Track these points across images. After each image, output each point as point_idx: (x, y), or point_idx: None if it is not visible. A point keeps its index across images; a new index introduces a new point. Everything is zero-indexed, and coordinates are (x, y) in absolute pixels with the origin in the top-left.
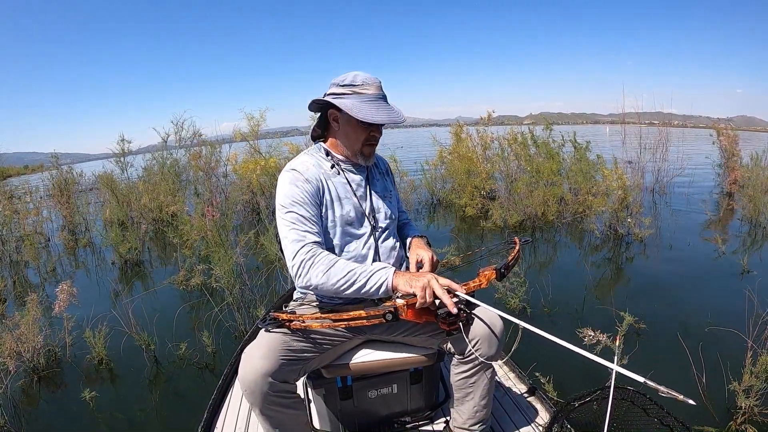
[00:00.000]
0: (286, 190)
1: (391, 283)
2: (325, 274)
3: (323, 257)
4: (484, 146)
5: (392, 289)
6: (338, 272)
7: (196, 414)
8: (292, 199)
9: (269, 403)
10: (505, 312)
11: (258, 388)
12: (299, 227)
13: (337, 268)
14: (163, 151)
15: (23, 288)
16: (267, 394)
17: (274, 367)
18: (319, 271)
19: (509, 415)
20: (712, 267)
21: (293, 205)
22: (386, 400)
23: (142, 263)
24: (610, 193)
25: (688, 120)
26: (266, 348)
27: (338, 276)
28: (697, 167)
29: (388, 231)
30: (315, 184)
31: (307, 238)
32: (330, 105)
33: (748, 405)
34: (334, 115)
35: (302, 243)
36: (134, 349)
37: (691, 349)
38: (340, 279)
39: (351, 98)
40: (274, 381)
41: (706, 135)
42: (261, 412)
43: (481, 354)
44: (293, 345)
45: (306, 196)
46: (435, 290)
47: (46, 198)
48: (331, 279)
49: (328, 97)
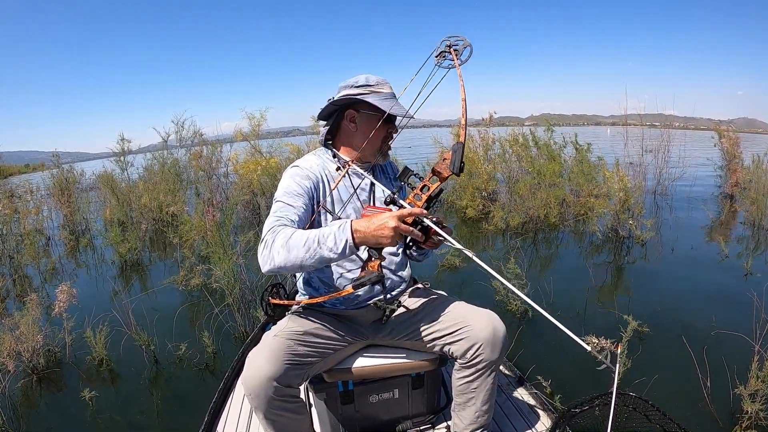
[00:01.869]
0: (284, 183)
1: (350, 232)
2: (284, 247)
3: (282, 231)
4: (485, 147)
5: (353, 238)
6: (297, 242)
7: (197, 415)
8: (285, 190)
9: (273, 407)
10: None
11: (263, 392)
12: (279, 213)
13: (294, 239)
14: (163, 150)
15: (23, 287)
16: (271, 399)
17: (279, 372)
18: (278, 245)
19: (511, 421)
20: (715, 269)
21: (284, 195)
22: (387, 404)
23: (142, 263)
24: (612, 195)
25: (690, 122)
26: (271, 352)
27: (298, 246)
28: (699, 169)
29: None
30: (314, 181)
31: (279, 221)
32: (348, 106)
33: (753, 410)
34: (351, 116)
35: (271, 226)
36: (134, 349)
37: (695, 352)
38: (300, 249)
39: (371, 97)
40: (279, 385)
41: (707, 137)
42: (265, 416)
43: (483, 358)
44: (298, 349)
45: (299, 189)
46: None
47: (47, 197)
48: (291, 251)
49: (351, 97)
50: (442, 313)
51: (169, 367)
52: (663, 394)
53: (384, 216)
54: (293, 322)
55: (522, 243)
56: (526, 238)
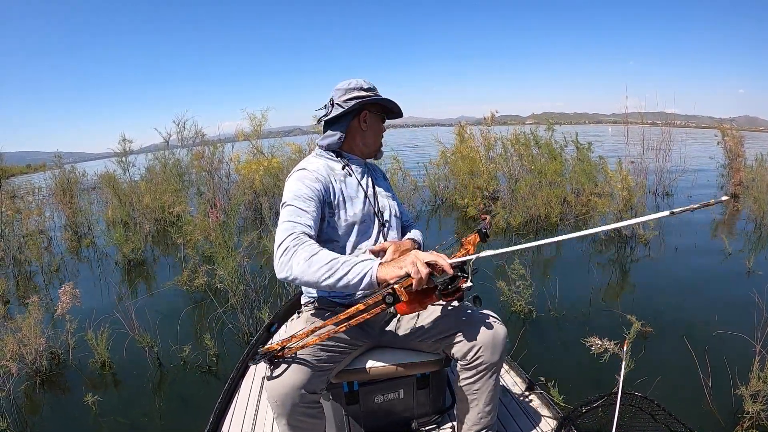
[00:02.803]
0: (292, 186)
1: (376, 273)
2: (306, 261)
3: (308, 245)
4: (487, 146)
5: (377, 281)
6: (320, 260)
7: (200, 418)
8: (295, 194)
9: (298, 414)
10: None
11: (290, 400)
12: (293, 218)
13: (319, 256)
14: (165, 150)
15: (26, 288)
16: (297, 406)
17: (306, 379)
18: (301, 258)
19: (516, 421)
20: (717, 269)
21: (295, 199)
22: (393, 405)
23: (145, 263)
24: (614, 194)
25: (691, 120)
26: (298, 360)
27: (320, 263)
28: (700, 168)
29: (394, 228)
30: (324, 184)
31: (297, 228)
32: (364, 107)
33: (755, 410)
34: (365, 116)
35: (291, 232)
36: (137, 351)
37: (697, 353)
38: (321, 266)
39: (381, 99)
40: (305, 392)
41: (709, 135)
42: (287, 422)
43: (483, 361)
44: (321, 355)
45: (309, 192)
46: (424, 259)
47: (49, 197)
48: (312, 266)
49: (366, 99)
50: (443, 314)
51: (173, 369)
52: (665, 393)
53: (408, 252)
54: (311, 325)
55: (525, 243)
56: (529, 238)
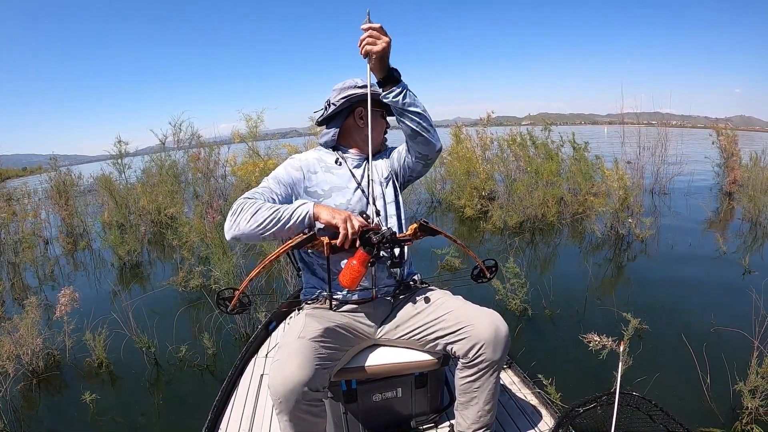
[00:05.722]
0: (277, 170)
1: (312, 211)
2: (253, 216)
3: (254, 202)
4: (483, 147)
5: (314, 216)
6: (264, 212)
7: (198, 417)
8: (275, 175)
9: (301, 411)
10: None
11: (293, 397)
12: (258, 190)
13: (263, 209)
14: (161, 152)
15: (22, 291)
16: (300, 403)
17: (310, 376)
18: (248, 213)
19: (514, 420)
20: (714, 267)
21: (271, 179)
22: (391, 403)
23: (141, 265)
24: (611, 194)
25: (687, 120)
26: (301, 356)
27: (264, 215)
28: (697, 167)
29: (392, 217)
30: (305, 173)
31: (255, 195)
32: (358, 104)
33: (753, 406)
34: (360, 113)
35: (245, 197)
36: (134, 351)
37: (695, 350)
38: (266, 218)
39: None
40: (309, 390)
41: (704, 135)
42: (289, 420)
43: (485, 358)
44: (323, 352)
45: (287, 178)
46: (354, 220)
47: (45, 200)
48: (257, 218)
49: (350, 96)
50: (444, 312)
51: (170, 369)
52: (663, 391)
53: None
54: (312, 322)
55: (521, 242)
56: (525, 238)
